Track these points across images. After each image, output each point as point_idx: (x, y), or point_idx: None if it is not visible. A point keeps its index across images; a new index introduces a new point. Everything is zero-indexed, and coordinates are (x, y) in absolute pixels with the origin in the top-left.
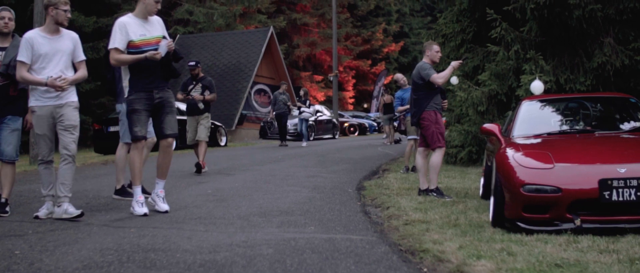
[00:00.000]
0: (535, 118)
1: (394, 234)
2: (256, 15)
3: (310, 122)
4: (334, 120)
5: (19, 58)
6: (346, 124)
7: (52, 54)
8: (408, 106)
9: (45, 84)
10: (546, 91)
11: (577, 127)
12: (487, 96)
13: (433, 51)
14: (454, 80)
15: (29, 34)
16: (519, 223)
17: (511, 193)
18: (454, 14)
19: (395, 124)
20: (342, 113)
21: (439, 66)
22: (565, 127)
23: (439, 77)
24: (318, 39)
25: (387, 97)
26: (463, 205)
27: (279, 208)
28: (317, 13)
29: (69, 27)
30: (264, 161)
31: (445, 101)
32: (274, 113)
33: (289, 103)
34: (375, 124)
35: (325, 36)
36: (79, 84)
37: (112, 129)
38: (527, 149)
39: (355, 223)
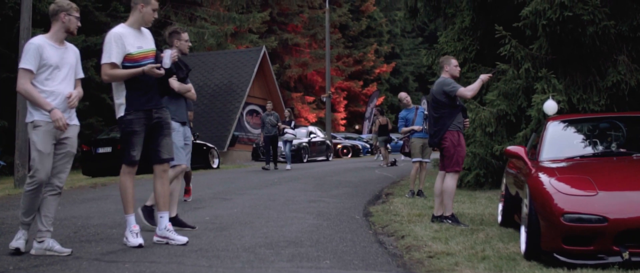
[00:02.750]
0: (563, 140)
1: (419, 269)
2: (248, 34)
3: (304, 143)
4: (328, 142)
5: (24, 65)
6: (339, 146)
7: (60, 66)
8: (414, 127)
9: (49, 111)
10: (559, 112)
11: (611, 149)
12: (495, 117)
13: (452, 65)
14: None
15: (38, 41)
16: (557, 256)
17: (549, 223)
18: (455, 32)
19: (389, 146)
20: (334, 134)
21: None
22: (598, 149)
23: (468, 91)
24: (309, 59)
25: (382, 119)
26: (484, 234)
27: (286, 237)
28: (309, 33)
29: None
30: (260, 185)
31: (467, 120)
32: (263, 135)
33: (279, 123)
34: (368, 146)
35: (317, 57)
36: None
37: (101, 150)
38: (564, 174)
39: (373, 255)
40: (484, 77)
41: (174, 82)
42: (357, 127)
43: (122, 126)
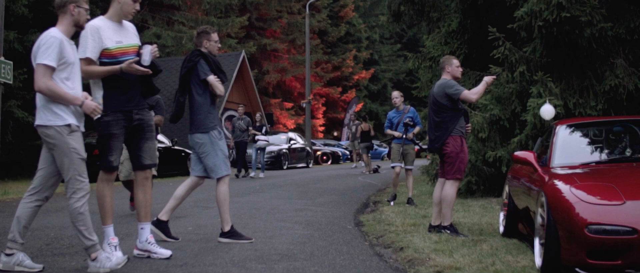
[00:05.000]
0: (575, 145)
1: None
2: (226, 39)
3: (284, 150)
4: (308, 148)
5: (44, 61)
6: (319, 153)
7: (76, 64)
8: (394, 133)
9: (80, 106)
10: (555, 117)
11: (627, 154)
12: (488, 122)
13: (453, 65)
14: None
15: (59, 34)
16: (581, 271)
17: (571, 235)
18: (442, 36)
19: (370, 153)
20: (313, 141)
21: (422, 92)
22: (613, 154)
23: (472, 94)
24: (288, 65)
25: (364, 125)
26: (487, 245)
27: (277, 250)
28: (288, 39)
29: (30, 50)
30: (242, 192)
31: (469, 125)
32: (233, 140)
33: (250, 127)
34: (347, 152)
35: (296, 62)
36: None
37: None
38: (585, 181)
39: (374, 270)
40: (488, 79)
41: (219, 85)
42: (335, 134)
43: (99, 129)
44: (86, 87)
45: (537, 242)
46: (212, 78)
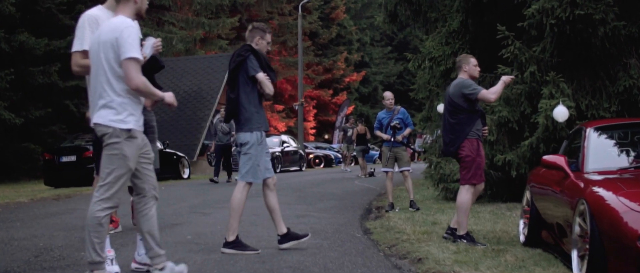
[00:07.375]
0: (608, 149)
1: None
2: (217, 40)
3: (277, 153)
4: (301, 151)
5: (136, 54)
6: (311, 156)
7: None
8: (382, 135)
9: (162, 99)
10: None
11: None
12: (496, 124)
13: (471, 65)
14: (441, 107)
15: (131, 21)
16: None
17: (620, 247)
18: (443, 36)
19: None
20: (305, 144)
21: (419, 94)
22: None
23: (491, 94)
24: (279, 67)
25: (360, 128)
26: (511, 256)
27: (287, 262)
28: (279, 40)
29: (18, 50)
30: None
31: (486, 127)
32: (215, 144)
33: (232, 132)
34: (340, 155)
35: (287, 64)
36: (27, 110)
37: (64, 159)
38: (631, 189)
39: None
40: (506, 78)
41: (268, 83)
42: (326, 136)
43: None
44: (73, 94)
45: (575, 254)
46: (261, 75)
